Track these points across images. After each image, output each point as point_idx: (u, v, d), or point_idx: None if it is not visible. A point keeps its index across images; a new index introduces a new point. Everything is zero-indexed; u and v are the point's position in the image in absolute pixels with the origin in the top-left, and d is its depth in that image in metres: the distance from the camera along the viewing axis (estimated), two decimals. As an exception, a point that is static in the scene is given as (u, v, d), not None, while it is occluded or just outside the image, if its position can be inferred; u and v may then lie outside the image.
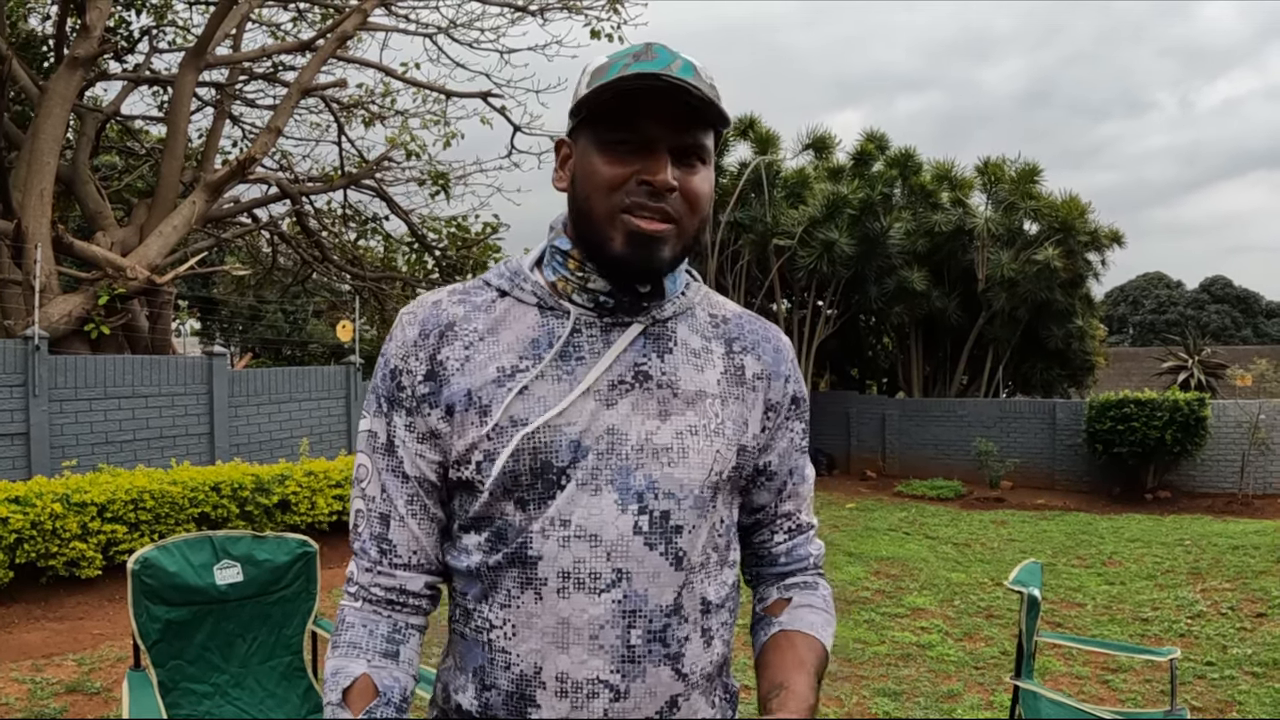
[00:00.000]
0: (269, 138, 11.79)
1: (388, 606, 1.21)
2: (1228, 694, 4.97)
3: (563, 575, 1.13)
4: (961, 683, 5.16)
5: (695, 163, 1.17)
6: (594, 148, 1.17)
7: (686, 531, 1.17)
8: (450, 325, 1.21)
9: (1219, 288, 50.63)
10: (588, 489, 1.14)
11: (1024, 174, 16.19)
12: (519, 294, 1.23)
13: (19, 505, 5.87)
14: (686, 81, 1.10)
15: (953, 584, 7.66)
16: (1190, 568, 8.20)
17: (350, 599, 1.23)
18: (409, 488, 1.21)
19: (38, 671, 4.87)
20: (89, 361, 8.68)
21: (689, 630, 1.18)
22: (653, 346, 1.21)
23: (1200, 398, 13.20)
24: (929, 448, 15.68)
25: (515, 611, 1.15)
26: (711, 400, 1.22)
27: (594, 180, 1.16)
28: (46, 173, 9.72)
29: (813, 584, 1.37)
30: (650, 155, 1.14)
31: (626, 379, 1.18)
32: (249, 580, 2.83)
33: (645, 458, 1.16)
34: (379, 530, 1.22)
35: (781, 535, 1.36)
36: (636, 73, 1.12)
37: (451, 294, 1.25)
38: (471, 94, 14.42)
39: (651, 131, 1.14)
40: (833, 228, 15.12)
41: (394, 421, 1.21)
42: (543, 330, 1.20)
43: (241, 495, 7.12)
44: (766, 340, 1.32)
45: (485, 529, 1.17)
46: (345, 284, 17.62)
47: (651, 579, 1.14)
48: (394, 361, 1.22)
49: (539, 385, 1.16)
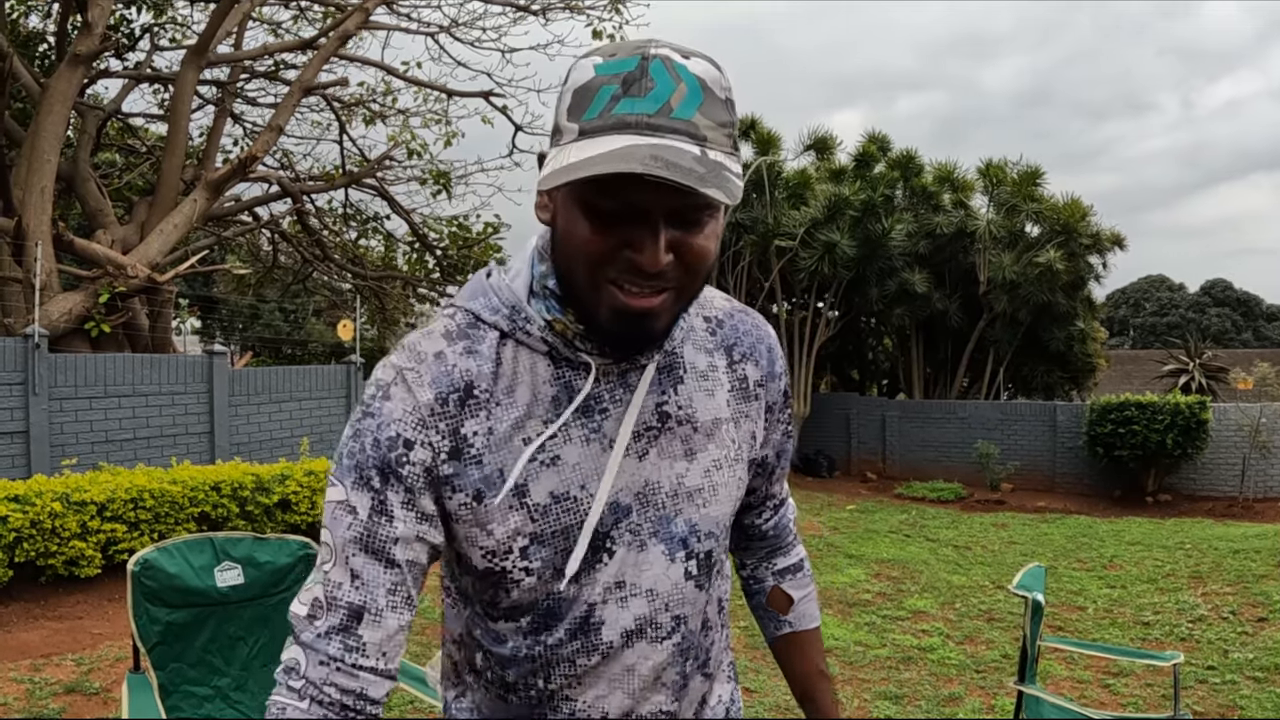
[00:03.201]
0: (270, 136, 11.79)
1: (340, 711, 1.01)
2: (1229, 698, 4.95)
3: (626, 635, 1.10)
4: (963, 686, 5.15)
5: (701, 217, 0.97)
6: (576, 206, 0.98)
7: (720, 561, 1.20)
8: (469, 389, 1.05)
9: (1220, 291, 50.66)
10: (634, 547, 1.10)
11: (1026, 176, 16.20)
12: (524, 338, 1.07)
13: (18, 504, 5.85)
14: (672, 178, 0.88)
15: (954, 587, 7.65)
16: (1191, 571, 8.19)
17: (294, 696, 1.01)
18: (394, 575, 1.03)
19: (36, 671, 4.85)
20: (89, 360, 8.67)
21: (715, 635, 1.23)
22: (667, 379, 1.13)
23: (1201, 401, 13.21)
24: (929, 450, 15.68)
25: (577, 675, 1.11)
26: (726, 426, 1.18)
27: (575, 244, 0.98)
28: (47, 170, 9.71)
29: (799, 564, 1.45)
30: (640, 225, 0.95)
31: (652, 424, 1.11)
32: (250, 582, 2.81)
33: (681, 502, 1.12)
34: (346, 623, 1.01)
35: (768, 513, 1.41)
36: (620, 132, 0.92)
37: (450, 340, 1.07)
38: (473, 93, 14.42)
39: (641, 198, 0.93)
40: (834, 229, 15.12)
41: (388, 498, 1.02)
42: (559, 385, 1.07)
43: (242, 495, 7.10)
44: (760, 341, 1.25)
45: (531, 612, 1.09)
46: (346, 283, 17.62)
47: (699, 615, 1.17)
48: (400, 429, 1.03)
49: (569, 450, 1.06)
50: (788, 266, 15.63)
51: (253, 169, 11.52)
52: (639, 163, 0.88)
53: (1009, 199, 16.04)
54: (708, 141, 0.93)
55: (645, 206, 0.94)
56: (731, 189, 0.91)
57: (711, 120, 0.94)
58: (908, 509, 12.64)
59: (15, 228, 9.43)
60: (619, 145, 0.90)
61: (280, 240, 16.53)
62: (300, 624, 1.04)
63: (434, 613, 6.20)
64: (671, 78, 0.94)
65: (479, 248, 15.75)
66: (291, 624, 1.06)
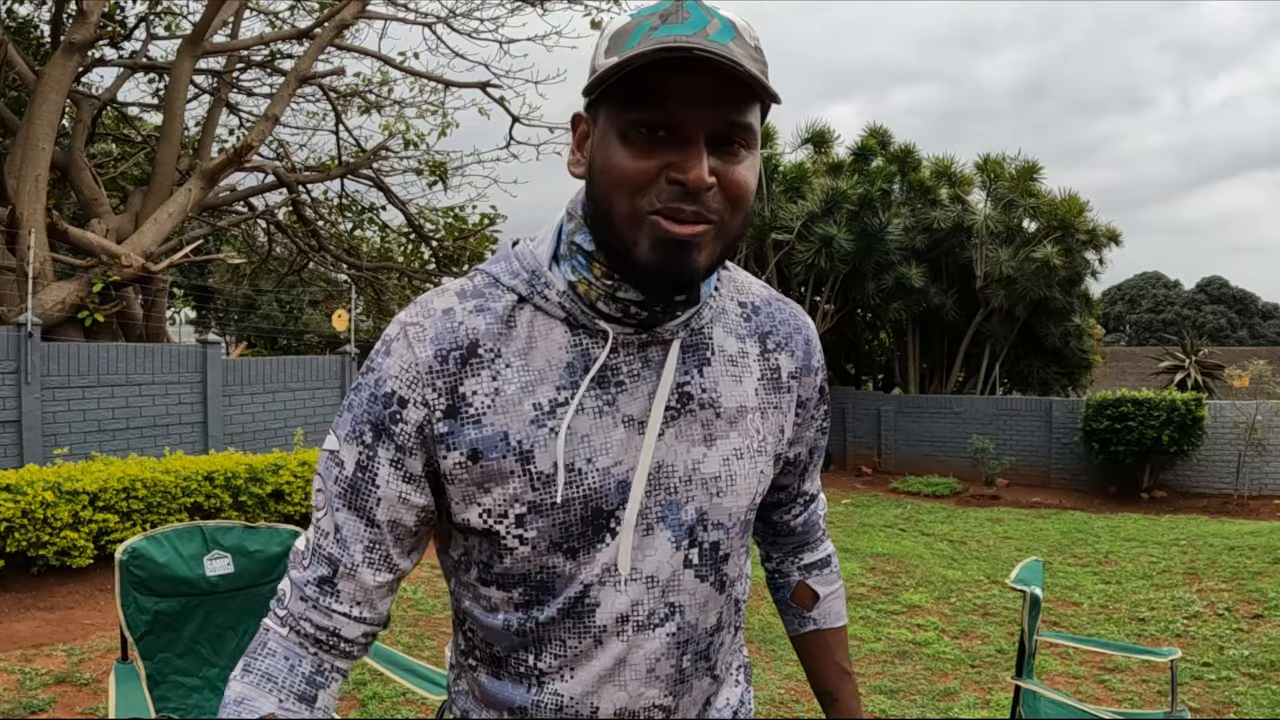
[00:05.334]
0: (266, 125, 11.73)
1: (315, 645, 1.07)
2: (1225, 695, 4.94)
3: (621, 619, 1.07)
4: (958, 681, 5.13)
5: (738, 148, 0.97)
6: (614, 134, 0.97)
7: (732, 556, 1.15)
8: (473, 347, 1.03)
9: (1216, 288, 50.75)
10: (639, 529, 1.06)
11: (1023, 171, 16.17)
12: (542, 303, 1.05)
13: (10, 493, 5.81)
14: (722, 55, 0.90)
15: (949, 581, 7.64)
16: (1186, 568, 8.18)
17: (277, 621, 1.08)
18: (373, 534, 1.05)
19: (27, 662, 4.82)
20: (82, 349, 8.62)
21: (725, 636, 1.18)
22: (692, 360, 1.10)
23: (1197, 398, 13.19)
24: (925, 444, 15.67)
25: (568, 658, 1.07)
26: (752, 416, 1.14)
27: (614, 174, 0.97)
28: (42, 158, 9.65)
29: (826, 560, 1.44)
30: (683, 145, 0.95)
31: (671, 404, 1.07)
32: (240, 571, 2.78)
33: (694, 489, 1.08)
34: (324, 571, 1.06)
35: (798, 509, 1.38)
36: (661, 43, 0.92)
37: (463, 298, 1.07)
38: (470, 84, 14.36)
39: (684, 115, 0.94)
40: (831, 223, 15.10)
41: (377, 455, 1.03)
42: (576, 352, 1.05)
43: (235, 485, 7.07)
44: (798, 332, 1.21)
45: (523, 584, 1.07)
46: (342, 274, 17.57)
47: (701, 608, 1.12)
48: (395, 386, 1.03)
49: (580, 421, 1.03)
50: (784, 260, 15.61)
51: (248, 158, 11.47)
52: (685, 52, 0.90)
53: (1006, 194, 16.01)
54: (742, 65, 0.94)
55: (686, 121, 0.94)
56: (773, 90, 0.95)
57: (745, 50, 0.95)
58: (903, 504, 12.64)
59: (9, 216, 9.38)
60: (661, 46, 0.92)
61: (276, 231, 16.48)
62: (295, 558, 1.11)
63: (428, 604, 6.17)
64: (705, 14, 0.96)
65: (475, 239, 15.71)
66: (291, 556, 1.12)
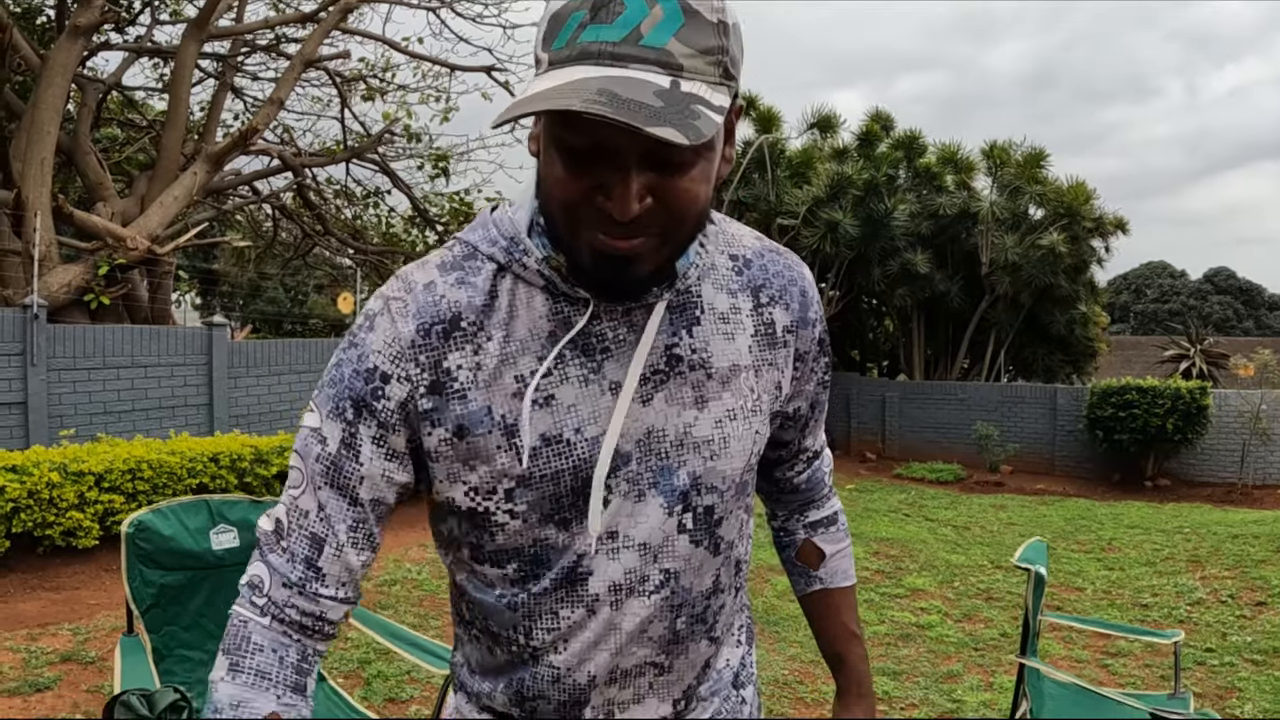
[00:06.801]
0: (271, 109, 11.71)
1: (300, 631, 1.04)
2: (1228, 681, 4.94)
3: (614, 588, 1.05)
4: (961, 664, 5.14)
5: (685, 158, 0.89)
6: (551, 144, 0.91)
7: (728, 520, 1.12)
8: (455, 321, 1.01)
9: (1222, 279, 50.62)
10: (631, 497, 1.04)
11: (1030, 158, 16.12)
12: (521, 271, 1.02)
13: (16, 474, 5.84)
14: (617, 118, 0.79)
15: (952, 566, 7.64)
16: (1190, 555, 8.18)
17: (256, 611, 1.03)
18: (357, 512, 1.03)
19: (33, 641, 4.84)
20: (88, 331, 8.64)
21: (724, 599, 1.16)
22: (680, 319, 1.05)
23: (1202, 386, 13.17)
24: (929, 431, 15.65)
25: (560, 630, 1.06)
26: (746, 374, 1.10)
27: (549, 185, 0.93)
28: (47, 142, 9.65)
29: (833, 517, 1.40)
30: (612, 168, 0.88)
31: (659, 367, 1.04)
32: (245, 545, 2.78)
33: (686, 453, 1.05)
34: (307, 554, 1.03)
35: (801, 465, 1.35)
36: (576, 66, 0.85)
37: (444, 270, 1.04)
38: (475, 68, 14.33)
39: (612, 139, 0.85)
40: (837, 208, 15.07)
41: (359, 432, 1.01)
42: (557, 320, 1.01)
43: (240, 466, 7.10)
44: (793, 284, 1.16)
45: (516, 558, 1.05)
46: (346, 258, 17.56)
47: (696, 572, 1.10)
48: (378, 361, 1.00)
49: (565, 390, 1.01)
50: (789, 245, 15.58)
51: (253, 141, 11.46)
52: (580, 99, 0.80)
53: (1012, 181, 15.96)
54: (684, 71, 0.85)
55: (615, 146, 0.86)
56: (699, 125, 0.82)
57: (692, 47, 0.85)
58: (906, 489, 12.64)
59: (14, 199, 9.37)
60: (572, 79, 0.84)
61: (281, 215, 16.47)
62: (267, 541, 1.06)
63: (432, 584, 6.19)
64: (644, 3, 0.85)
65: (480, 224, 15.65)
66: (258, 539, 1.07)
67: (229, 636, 1.04)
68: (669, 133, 0.80)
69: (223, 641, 1.05)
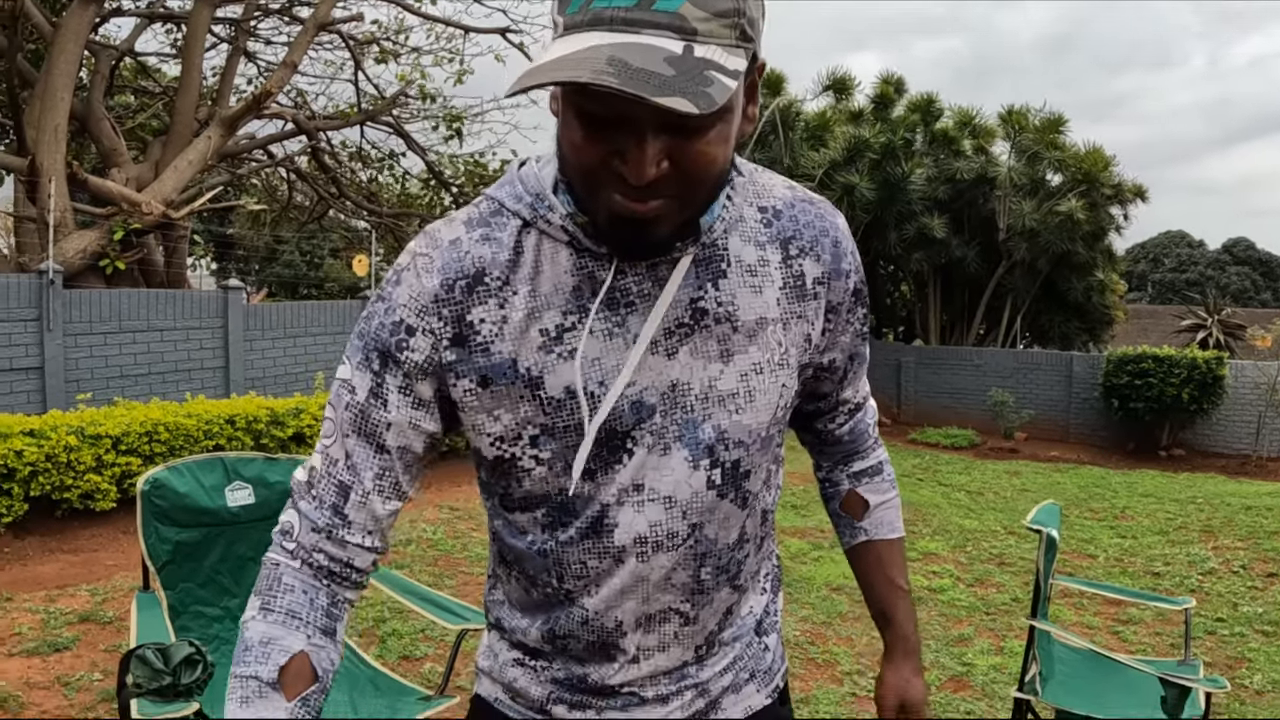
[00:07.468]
0: (285, 73, 11.68)
1: (329, 577, 1.07)
2: (1238, 650, 4.95)
3: (640, 540, 1.07)
4: (973, 627, 5.16)
5: (704, 121, 0.89)
6: (569, 108, 0.92)
7: (754, 473, 1.12)
8: (479, 276, 1.03)
9: (1241, 250, 50.12)
10: (656, 450, 1.05)
11: (1048, 124, 15.95)
12: (546, 227, 1.03)
13: (34, 438, 5.88)
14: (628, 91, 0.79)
15: (965, 530, 7.65)
16: (1203, 525, 8.17)
17: (287, 555, 1.07)
18: (383, 460, 1.06)
19: (51, 602, 4.90)
20: (104, 296, 8.68)
21: (749, 549, 1.18)
22: (705, 273, 1.05)
23: (1219, 356, 13.09)
24: (944, 396, 15.62)
25: (589, 578, 1.09)
26: (773, 328, 1.09)
27: (567, 148, 0.94)
28: (61, 109, 9.65)
29: (877, 467, 1.39)
30: (628, 134, 0.88)
31: (684, 320, 1.04)
32: (261, 502, 2.81)
33: (711, 406, 1.06)
34: (334, 500, 1.06)
35: (842, 418, 1.33)
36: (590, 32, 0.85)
37: (470, 226, 1.06)
38: (489, 29, 14.22)
39: (626, 104, 0.84)
40: (853, 172, 14.96)
41: (385, 382, 1.04)
42: (582, 275, 1.02)
43: (256, 428, 7.14)
44: (824, 235, 1.13)
45: (543, 505, 1.08)
46: (362, 220, 17.55)
47: (722, 524, 1.11)
48: (404, 315, 1.03)
49: (590, 344, 1.02)
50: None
51: (267, 105, 11.42)
52: (589, 70, 0.80)
53: (1030, 146, 15.80)
54: (698, 35, 0.84)
55: (630, 114, 0.86)
56: (711, 93, 0.81)
57: (706, 10, 0.85)
58: (921, 454, 12.64)
59: (29, 166, 9.40)
60: (582, 47, 0.84)
61: (296, 179, 16.46)
62: (299, 490, 1.10)
63: (447, 544, 6.24)
64: None
65: (495, 186, 15.63)
66: (292, 488, 1.11)
67: (261, 579, 1.08)
68: (679, 102, 0.79)
69: (256, 585, 1.08)
